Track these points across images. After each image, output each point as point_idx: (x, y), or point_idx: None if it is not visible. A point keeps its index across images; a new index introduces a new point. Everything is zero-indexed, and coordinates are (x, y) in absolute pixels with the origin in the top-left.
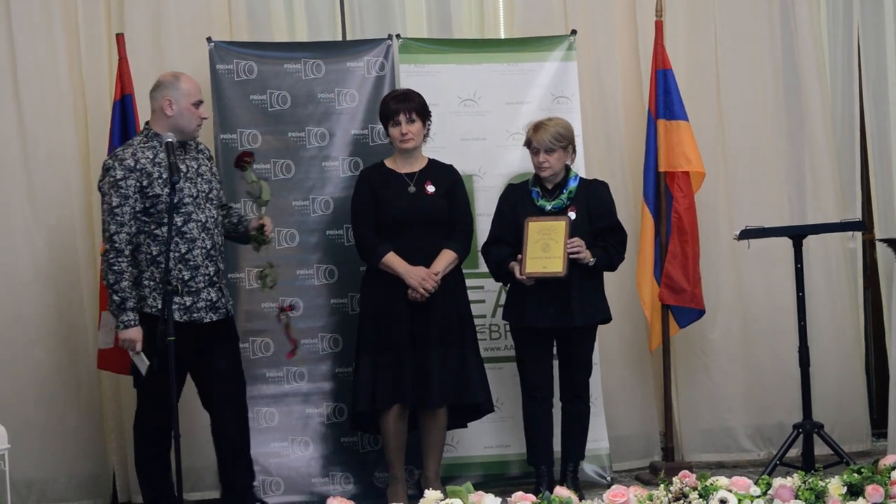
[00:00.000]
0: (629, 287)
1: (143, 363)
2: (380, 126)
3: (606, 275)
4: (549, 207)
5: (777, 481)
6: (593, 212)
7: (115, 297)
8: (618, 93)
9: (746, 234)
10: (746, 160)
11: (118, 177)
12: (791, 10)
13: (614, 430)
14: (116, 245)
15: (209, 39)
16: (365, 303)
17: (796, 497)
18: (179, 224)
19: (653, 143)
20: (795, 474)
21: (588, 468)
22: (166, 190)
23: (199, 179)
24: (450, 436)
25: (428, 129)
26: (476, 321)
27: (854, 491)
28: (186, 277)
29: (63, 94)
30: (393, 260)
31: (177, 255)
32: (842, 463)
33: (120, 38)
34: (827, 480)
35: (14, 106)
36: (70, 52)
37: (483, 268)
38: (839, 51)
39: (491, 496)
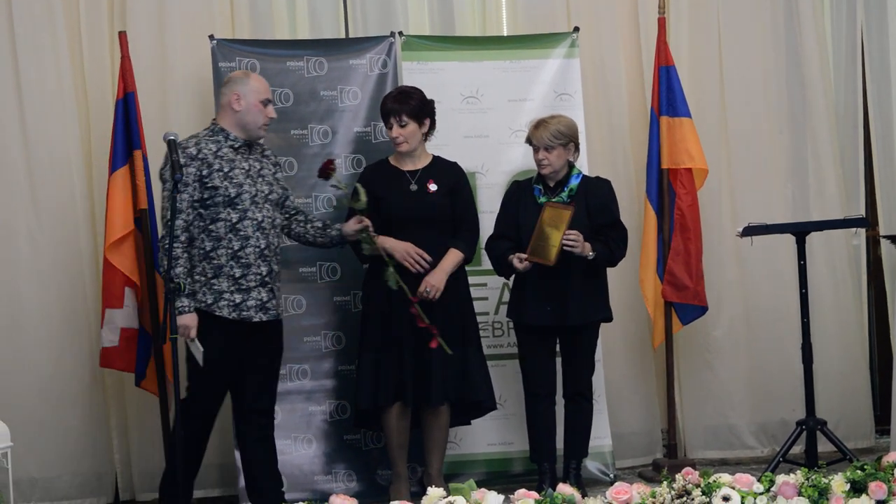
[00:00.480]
0: (632, 284)
1: (198, 350)
2: (382, 123)
3: (610, 271)
4: None
5: (780, 478)
6: (592, 209)
7: (171, 284)
8: (621, 90)
9: (749, 231)
10: (750, 157)
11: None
12: (794, 5)
13: (617, 427)
14: (174, 231)
15: (211, 37)
16: (367, 301)
17: (799, 494)
18: (234, 220)
19: (656, 139)
20: (799, 471)
21: (591, 465)
22: (225, 184)
23: (260, 180)
24: (453, 433)
25: (428, 127)
26: (479, 318)
27: (857, 488)
28: (238, 275)
29: (65, 92)
30: (379, 240)
31: (229, 251)
32: (845, 460)
33: (122, 35)
34: (830, 477)
35: (16, 104)
36: (72, 49)
37: (486, 265)
38: (843, 46)
39: (494, 493)
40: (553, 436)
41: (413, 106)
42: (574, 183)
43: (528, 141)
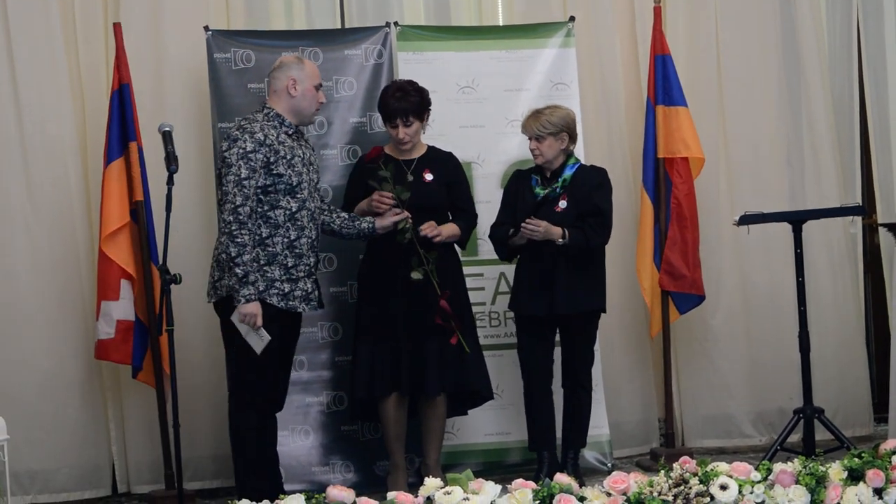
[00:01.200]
0: (629, 274)
1: (261, 340)
2: (378, 114)
3: (607, 261)
4: (542, 195)
5: (778, 466)
6: (578, 198)
7: (238, 271)
8: (617, 79)
9: (746, 220)
10: (747, 145)
11: (248, 148)
12: None
13: (615, 416)
14: (241, 217)
15: (206, 28)
16: (362, 291)
17: (797, 482)
18: (294, 209)
19: (652, 129)
20: (796, 459)
21: (589, 455)
22: (289, 171)
23: (312, 168)
24: (450, 423)
25: (427, 119)
26: (476, 308)
27: (855, 476)
28: (290, 264)
29: (60, 83)
30: (360, 204)
31: (286, 240)
32: (843, 448)
33: (117, 27)
34: (828, 465)
35: (12, 96)
36: (67, 41)
37: (483, 255)
38: (839, 34)
39: (491, 484)
40: (551, 425)
41: (416, 103)
42: (567, 174)
43: (523, 130)
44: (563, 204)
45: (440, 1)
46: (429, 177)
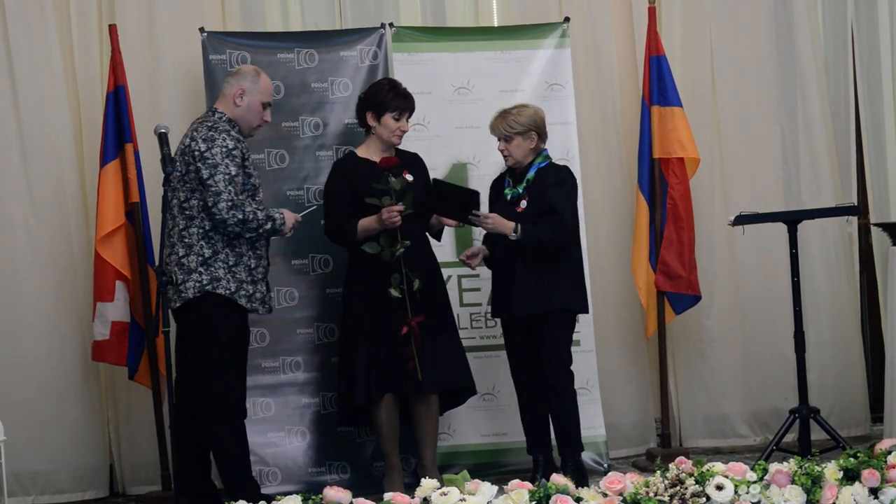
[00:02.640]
0: (625, 274)
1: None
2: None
3: (602, 262)
4: (509, 196)
5: (773, 466)
6: (535, 198)
7: (264, 225)
8: (613, 79)
9: (741, 220)
10: (741, 146)
11: (230, 146)
12: None
13: (611, 417)
14: (235, 201)
15: (202, 30)
16: (351, 297)
17: (793, 482)
18: None
19: (647, 129)
20: (792, 459)
21: (585, 455)
22: (254, 173)
23: (258, 173)
24: (445, 424)
25: None
26: (471, 309)
27: (850, 475)
28: (252, 265)
29: (57, 85)
30: (363, 221)
31: (249, 241)
32: (838, 447)
33: (112, 28)
34: (823, 465)
35: (8, 97)
36: (63, 42)
37: None
38: (834, 35)
39: (487, 484)
40: (542, 427)
41: (414, 106)
42: (530, 174)
43: (492, 131)
44: (523, 204)
45: (435, 2)
46: (409, 177)
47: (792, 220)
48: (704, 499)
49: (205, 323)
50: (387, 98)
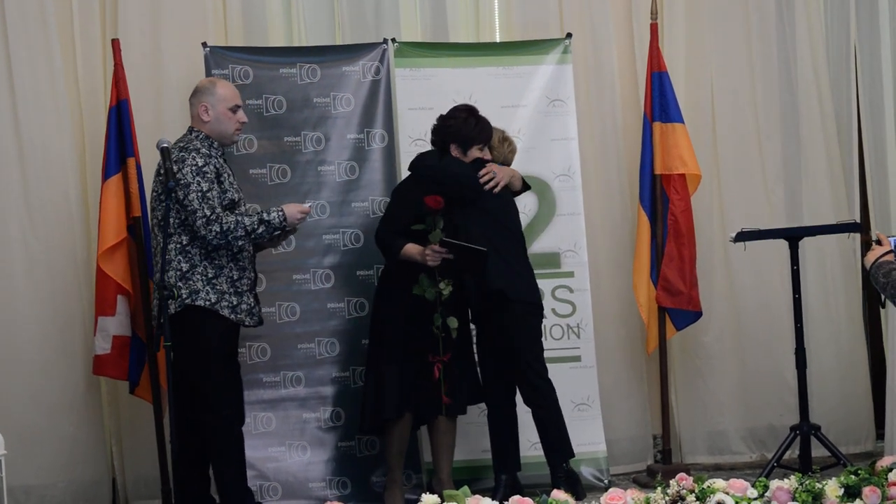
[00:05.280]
0: (625, 290)
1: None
2: (376, 130)
3: (603, 277)
4: None
5: (774, 483)
6: None
7: (256, 230)
8: (614, 96)
9: (742, 237)
10: (742, 162)
11: (199, 164)
12: (787, 11)
13: (611, 432)
14: (218, 216)
15: (204, 44)
16: (384, 309)
17: (793, 499)
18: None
19: (648, 145)
20: (793, 476)
21: (585, 471)
22: (231, 188)
23: (239, 188)
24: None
25: None
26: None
27: (851, 493)
28: (235, 277)
29: (59, 99)
30: (409, 247)
31: (230, 253)
32: (839, 464)
33: (115, 43)
34: (824, 482)
35: (10, 112)
36: (65, 57)
37: None
38: (835, 51)
39: (488, 500)
40: (503, 445)
41: None
42: None
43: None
44: None
45: (437, 17)
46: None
47: (793, 236)
48: None
49: (190, 334)
50: (473, 132)
